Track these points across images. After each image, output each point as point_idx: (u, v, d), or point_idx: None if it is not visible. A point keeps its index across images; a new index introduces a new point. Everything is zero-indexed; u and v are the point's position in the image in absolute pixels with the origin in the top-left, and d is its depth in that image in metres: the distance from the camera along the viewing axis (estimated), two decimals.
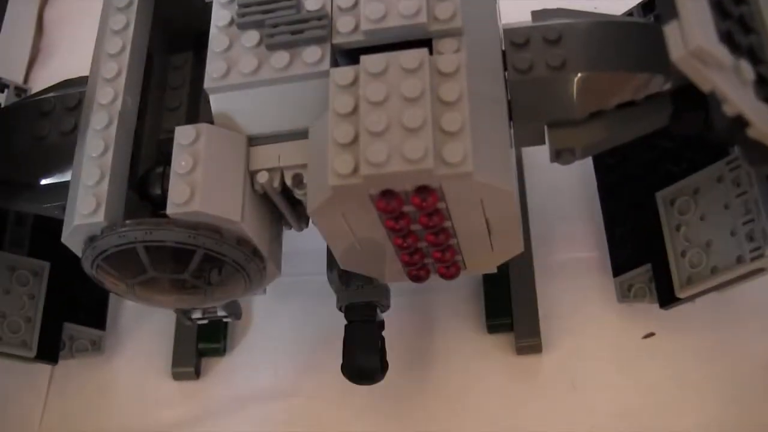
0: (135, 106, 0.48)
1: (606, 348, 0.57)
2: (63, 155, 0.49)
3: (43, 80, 0.72)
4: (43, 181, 0.50)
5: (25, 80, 0.79)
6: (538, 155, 0.50)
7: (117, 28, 0.49)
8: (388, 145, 0.40)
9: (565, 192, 0.63)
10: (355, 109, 0.42)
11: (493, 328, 0.59)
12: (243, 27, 0.46)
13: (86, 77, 0.50)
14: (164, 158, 0.47)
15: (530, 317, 0.58)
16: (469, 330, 0.59)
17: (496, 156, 0.42)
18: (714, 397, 0.54)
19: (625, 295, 0.57)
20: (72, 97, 0.51)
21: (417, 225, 0.44)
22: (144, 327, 0.64)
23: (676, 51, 0.37)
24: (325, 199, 0.42)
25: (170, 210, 0.43)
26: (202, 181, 0.44)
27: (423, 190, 0.41)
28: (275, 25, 0.46)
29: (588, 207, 0.62)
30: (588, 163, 0.61)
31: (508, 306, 0.59)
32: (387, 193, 0.41)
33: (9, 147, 0.52)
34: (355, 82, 0.43)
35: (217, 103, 0.46)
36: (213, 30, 0.47)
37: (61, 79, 0.55)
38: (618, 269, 0.58)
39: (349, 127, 0.42)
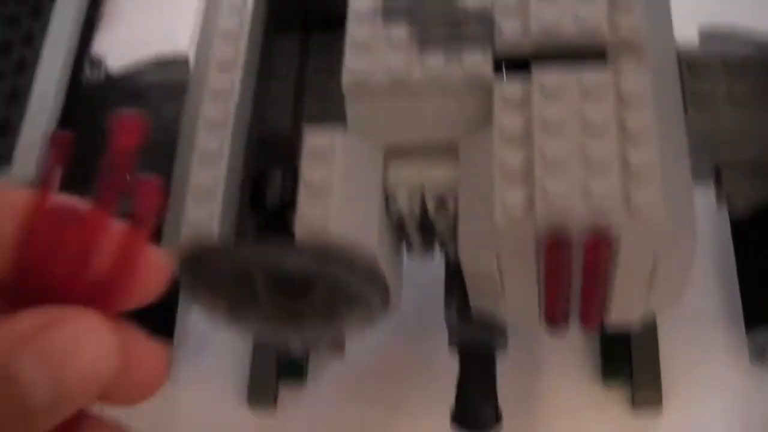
0: (250, 97, 0.42)
1: (733, 416, 0.51)
2: (160, 149, 0.43)
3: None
4: None
5: None
6: None
7: (235, 2, 0.43)
8: (568, 180, 0.34)
9: None
10: (526, 132, 0.36)
11: (608, 375, 0.53)
12: (390, 17, 0.40)
13: (183, 57, 0.44)
14: (273, 160, 0.41)
15: (651, 366, 0.52)
16: (580, 376, 0.53)
17: (681, 201, 0.37)
18: None
19: (759, 355, 0.51)
20: (174, 82, 0.45)
21: (576, 270, 0.38)
22: (215, 344, 0.57)
23: None
24: (487, 238, 0.36)
25: (300, 231, 0.37)
26: (339, 200, 0.37)
27: (598, 237, 0.35)
28: (429, 19, 0.40)
29: (717, 247, 0.56)
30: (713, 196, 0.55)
31: (627, 353, 0.52)
32: (558, 241, 0.35)
33: (94, 133, 0.46)
34: (526, 99, 0.37)
35: (354, 105, 0.40)
36: (351, 16, 0.41)
37: (127, 47, 0.50)
38: (752, 322, 0.52)
39: (519, 153, 0.36)
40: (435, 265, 0.46)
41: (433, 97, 0.39)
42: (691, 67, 0.41)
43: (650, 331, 0.52)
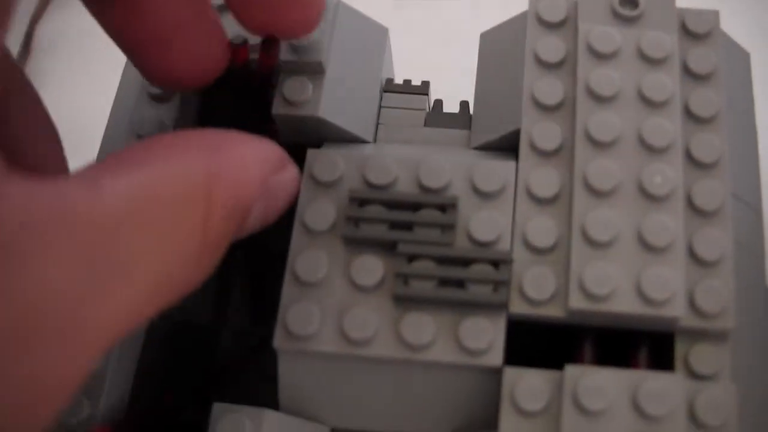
0: None
1: None
2: None
3: None
4: None
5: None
6: None
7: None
8: None
9: None
10: None
11: None
12: (353, 242, 0.31)
13: None
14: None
15: None
16: None
17: None
18: None
19: None
20: None
21: None
22: None
23: None
24: None
25: None
26: None
27: None
28: (412, 259, 0.30)
29: None
30: None
31: None
32: None
33: None
34: (551, 400, 0.28)
35: (288, 368, 0.31)
36: (293, 243, 0.31)
37: None
38: None
39: None
40: None
41: (409, 378, 0.30)
42: None
43: None
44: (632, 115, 0.32)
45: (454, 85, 0.37)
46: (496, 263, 0.30)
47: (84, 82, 0.39)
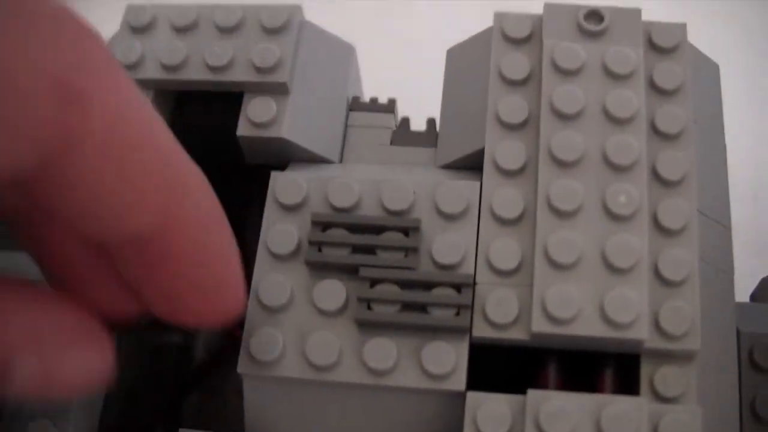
0: None
1: None
2: None
3: None
4: None
5: None
6: None
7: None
8: None
9: None
10: None
11: None
12: (316, 266, 0.31)
13: None
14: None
15: None
16: None
17: None
18: None
19: None
20: None
21: None
22: None
23: None
24: None
25: None
26: None
27: None
28: (375, 283, 0.30)
29: None
30: None
31: None
32: None
33: None
34: (513, 425, 0.28)
35: (253, 393, 0.31)
36: (256, 267, 0.31)
37: None
38: None
39: None
40: None
41: (372, 402, 0.30)
42: None
43: None
44: (597, 132, 0.31)
45: (425, 101, 0.37)
46: (458, 287, 0.30)
47: None
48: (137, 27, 0.35)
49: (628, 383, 0.30)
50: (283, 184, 0.32)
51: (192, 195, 0.23)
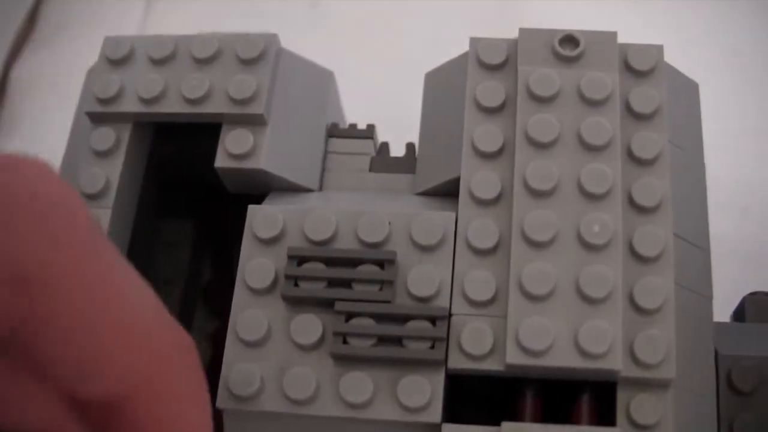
0: None
1: None
2: None
3: None
4: None
5: None
6: None
7: None
8: None
9: None
10: None
11: None
12: (293, 301, 0.31)
13: None
14: None
15: None
16: None
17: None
18: None
19: None
20: None
21: None
22: None
23: None
24: None
25: None
26: None
27: None
28: (351, 317, 0.30)
29: None
30: None
31: None
32: None
33: None
34: None
35: (233, 427, 0.31)
36: (234, 302, 0.31)
37: None
38: None
39: None
40: None
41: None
42: None
43: None
44: (572, 160, 0.31)
45: (407, 124, 0.37)
46: (433, 319, 0.30)
47: (59, 122, 0.39)
48: (115, 59, 0.35)
49: (606, 410, 0.30)
50: (260, 218, 0.32)
51: (170, 364, 0.23)
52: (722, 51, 0.60)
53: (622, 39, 0.33)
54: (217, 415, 0.31)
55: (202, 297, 0.39)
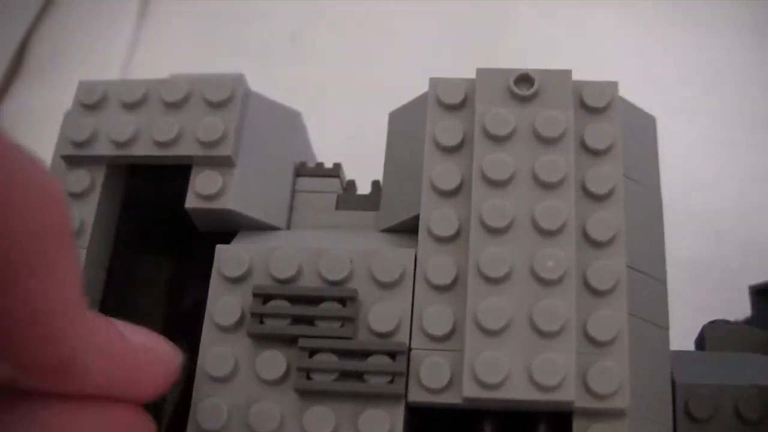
0: None
1: None
2: None
3: None
4: None
5: None
6: None
7: None
8: None
9: None
10: None
11: None
12: (258, 337, 0.32)
13: None
14: None
15: None
16: None
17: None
18: None
19: None
20: None
21: None
22: None
23: None
24: None
25: None
26: None
27: None
28: (314, 353, 0.31)
29: None
30: None
31: None
32: None
33: None
34: None
35: None
36: (203, 339, 0.33)
37: None
38: None
39: None
40: None
41: None
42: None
43: None
44: (526, 197, 0.32)
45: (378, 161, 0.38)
46: (393, 354, 0.31)
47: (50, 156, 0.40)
48: (89, 104, 0.36)
49: None
50: (227, 258, 0.33)
51: None
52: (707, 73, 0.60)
53: (578, 76, 0.35)
54: None
55: (179, 333, 0.40)
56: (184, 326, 0.40)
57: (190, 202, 0.35)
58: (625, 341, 0.31)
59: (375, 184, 0.37)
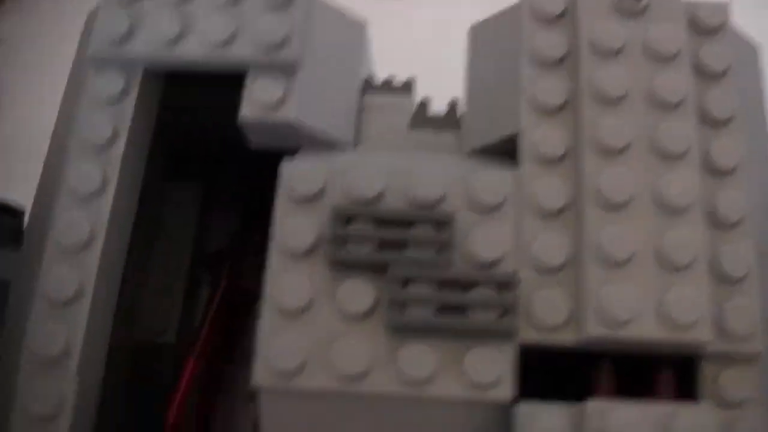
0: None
1: None
2: None
3: None
4: None
5: None
6: None
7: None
8: None
9: None
10: None
11: None
12: (339, 265, 0.27)
13: None
14: None
15: None
16: None
17: None
18: None
19: None
20: None
21: None
22: None
23: None
24: None
25: None
26: None
27: None
28: (407, 283, 0.27)
29: None
30: None
31: None
32: None
33: None
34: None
35: (271, 409, 0.27)
36: (269, 268, 0.28)
37: None
38: None
39: None
40: None
41: (409, 414, 0.27)
42: None
43: None
44: (643, 118, 0.29)
45: (442, 82, 0.34)
46: (500, 286, 0.27)
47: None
48: None
49: (683, 386, 0.27)
50: (297, 174, 0.28)
51: None
52: None
53: None
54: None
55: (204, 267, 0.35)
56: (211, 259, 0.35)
57: (246, 113, 0.30)
58: (756, 278, 0.27)
59: (452, 104, 0.32)
